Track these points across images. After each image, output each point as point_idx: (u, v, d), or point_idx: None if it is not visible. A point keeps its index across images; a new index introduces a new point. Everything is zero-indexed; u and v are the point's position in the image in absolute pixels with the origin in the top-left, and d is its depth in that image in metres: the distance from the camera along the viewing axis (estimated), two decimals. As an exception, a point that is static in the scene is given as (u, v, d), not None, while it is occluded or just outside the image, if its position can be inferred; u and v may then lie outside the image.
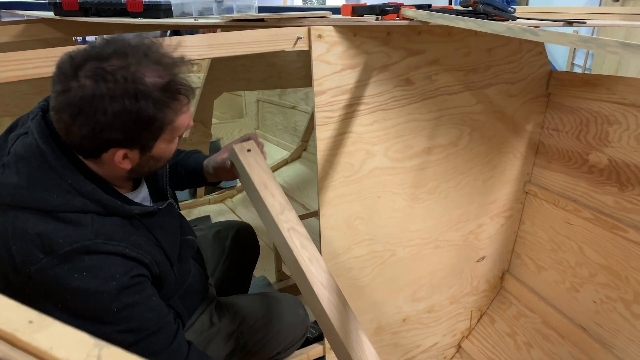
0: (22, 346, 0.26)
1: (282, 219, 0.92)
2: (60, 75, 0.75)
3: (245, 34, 0.96)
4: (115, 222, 0.85)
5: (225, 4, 1.39)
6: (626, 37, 3.44)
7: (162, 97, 0.78)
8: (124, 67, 0.75)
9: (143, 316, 0.84)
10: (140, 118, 0.77)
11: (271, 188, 0.96)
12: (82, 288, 0.78)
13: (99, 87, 0.73)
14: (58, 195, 0.79)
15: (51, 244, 0.77)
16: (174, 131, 0.85)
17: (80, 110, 0.74)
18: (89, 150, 0.82)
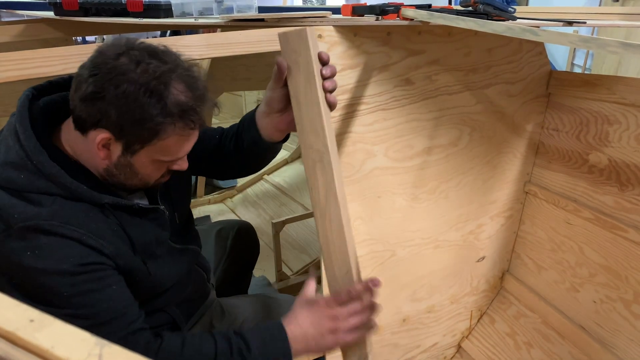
0: (23, 345, 0.26)
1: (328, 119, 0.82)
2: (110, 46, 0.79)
3: (245, 33, 0.96)
4: (80, 207, 0.82)
5: (225, 4, 1.39)
6: (626, 37, 3.44)
7: (173, 111, 0.78)
8: (161, 67, 0.77)
9: (97, 305, 0.81)
10: (141, 110, 0.76)
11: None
12: (32, 267, 0.77)
13: (129, 66, 0.75)
14: (24, 175, 0.79)
15: (8, 218, 0.77)
16: (162, 151, 0.83)
17: (99, 72, 0.76)
18: (80, 120, 0.80)
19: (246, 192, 3.04)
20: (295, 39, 0.78)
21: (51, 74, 0.83)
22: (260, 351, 0.83)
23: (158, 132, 0.79)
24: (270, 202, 2.85)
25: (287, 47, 0.79)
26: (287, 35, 0.78)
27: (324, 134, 0.81)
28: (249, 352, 0.83)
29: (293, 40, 0.78)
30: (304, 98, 0.80)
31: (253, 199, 2.95)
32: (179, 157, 0.87)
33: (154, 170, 0.87)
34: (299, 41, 0.78)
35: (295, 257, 2.22)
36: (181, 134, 0.82)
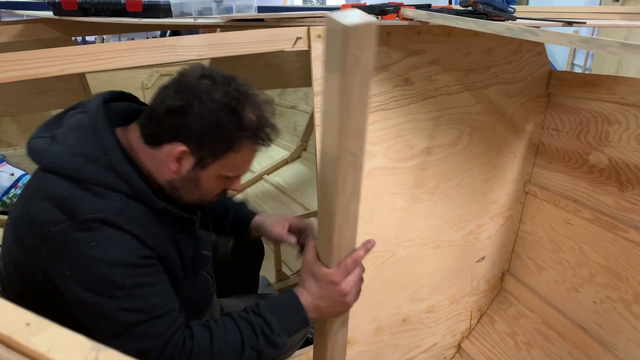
0: (20, 349, 0.26)
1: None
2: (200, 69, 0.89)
3: (245, 34, 0.96)
4: (140, 208, 0.87)
5: (225, 3, 1.39)
6: (626, 37, 3.44)
7: (248, 128, 0.87)
8: (238, 91, 0.87)
9: (151, 298, 0.84)
10: (221, 125, 0.85)
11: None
12: (97, 257, 0.79)
13: (211, 87, 0.85)
14: (95, 168, 0.83)
15: (74, 209, 0.80)
16: (230, 165, 0.91)
17: (184, 89, 0.85)
18: (157, 133, 0.87)
19: (246, 192, 3.04)
20: (362, 34, 0.64)
21: (50, 74, 0.83)
22: (280, 326, 0.88)
23: (233, 145, 0.87)
24: (270, 202, 2.85)
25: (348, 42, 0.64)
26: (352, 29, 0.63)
27: (364, 138, 0.77)
28: (271, 331, 0.87)
29: (357, 35, 0.64)
30: (356, 99, 0.71)
31: (253, 199, 2.95)
32: (242, 173, 0.96)
33: (215, 187, 0.95)
34: (366, 37, 0.65)
35: (295, 257, 2.22)
36: (251, 149, 0.91)
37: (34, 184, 0.86)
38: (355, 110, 0.72)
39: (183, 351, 0.84)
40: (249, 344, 0.86)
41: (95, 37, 3.95)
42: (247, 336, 0.87)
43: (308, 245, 0.91)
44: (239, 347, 0.86)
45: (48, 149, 0.85)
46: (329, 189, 0.80)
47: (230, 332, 0.87)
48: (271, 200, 2.87)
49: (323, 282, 0.87)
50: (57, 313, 0.90)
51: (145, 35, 4.13)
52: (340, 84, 0.67)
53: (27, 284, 0.88)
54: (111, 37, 3.60)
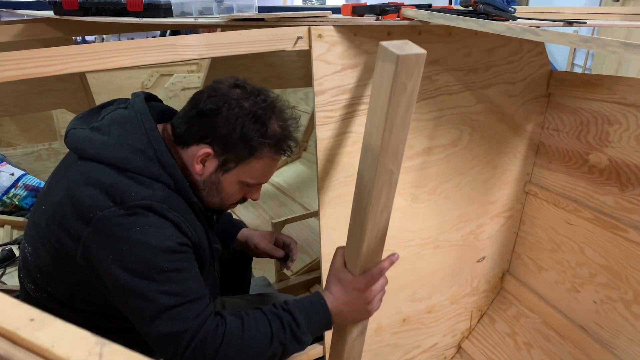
0: (24, 344, 0.26)
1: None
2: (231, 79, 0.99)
3: (245, 33, 0.96)
4: (179, 199, 0.93)
5: (225, 3, 1.39)
6: (626, 37, 3.44)
7: (271, 137, 0.94)
8: (266, 102, 0.95)
9: (187, 283, 0.88)
10: (246, 131, 0.92)
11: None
12: (142, 241, 0.84)
13: (242, 95, 0.93)
14: (141, 159, 0.89)
15: (122, 195, 0.85)
16: (251, 172, 0.97)
17: (217, 94, 0.93)
18: (187, 134, 0.95)
19: (246, 192, 3.03)
20: (412, 62, 0.69)
21: (50, 73, 0.83)
22: (307, 325, 0.92)
23: (255, 151, 0.94)
24: (270, 202, 2.85)
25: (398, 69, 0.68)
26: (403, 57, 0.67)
27: (401, 158, 0.82)
28: (298, 328, 0.91)
29: (408, 63, 0.69)
30: (399, 121, 0.76)
31: (253, 199, 2.95)
32: (262, 182, 1.02)
33: (235, 192, 1.01)
34: (416, 66, 0.70)
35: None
36: (272, 157, 0.97)
37: (74, 172, 0.89)
38: (397, 132, 0.76)
39: (215, 335, 0.88)
40: (277, 337, 0.90)
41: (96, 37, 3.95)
42: (276, 329, 0.90)
43: (337, 252, 0.97)
44: (268, 338, 0.90)
45: (92, 138, 0.90)
46: (364, 201, 0.85)
47: (261, 324, 0.91)
48: (271, 200, 2.87)
49: (348, 288, 0.92)
50: (87, 297, 0.97)
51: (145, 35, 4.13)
52: (386, 107, 0.71)
53: (60, 267, 0.93)
54: (111, 37, 3.60)
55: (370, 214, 0.83)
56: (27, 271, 1.02)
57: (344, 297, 0.92)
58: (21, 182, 2.36)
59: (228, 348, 0.87)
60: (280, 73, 2.44)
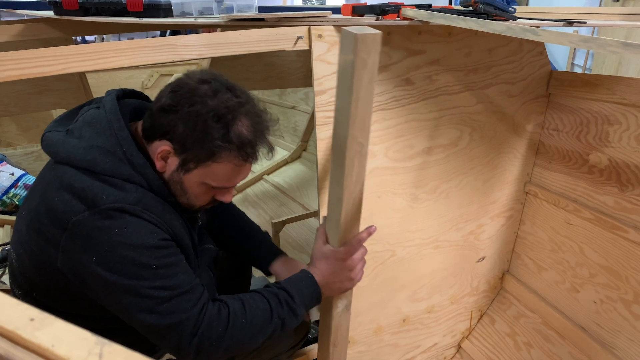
0: (24, 344, 0.26)
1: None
2: (198, 73, 0.91)
3: (245, 33, 0.96)
4: (154, 198, 0.90)
5: (226, 3, 1.39)
6: (626, 37, 3.44)
7: (233, 140, 0.87)
8: (233, 100, 0.87)
9: (178, 276, 0.88)
10: (205, 131, 0.85)
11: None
12: (122, 242, 0.83)
13: (207, 92, 0.86)
14: (110, 160, 0.86)
15: (94, 199, 0.82)
16: (213, 175, 0.91)
17: (180, 89, 0.87)
18: (151, 128, 0.90)
19: (246, 192, 3.04)
20: (370, 41, 0.81)
21: (50, 73, 0.83)
22: (300, 299, 0.96)
23: (214, 154, 0.88)
24: (270, 202, 2.85)
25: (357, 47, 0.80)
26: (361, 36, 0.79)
27: (369, 130, 0.90)
28: (293, 301, 0.95)
29: (366, 41, 0.81)
30: (363, 95, 0.85)
31: (253, 199, 2.95)
32: (226, 186, 0.96)
33: (201, 194, 0.95)
34: (373, 43, 0.82)
35: (295, 257, 2.21)
36: (235, 163, 0.90)
37: (48, 176, 0.88)
38: (362, 105, 0.85)
39: (220, 319, 0.90)
40: (276, 313, 0.94)
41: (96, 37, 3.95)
42: (275, 305, 0.94)
43: (318, 232, 1.02)
44: (268, 314, 0.93)
45: (64, 142, 0.88)
46: (338, 173, 0.93)
47: (260, 302, 0.94)
48: (271, 200, 2.87)
49: (332, 259, 0.98)
50: (71, 301, 0.95)
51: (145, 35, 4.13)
52: (351, 82, 0.81)
53: (42, 273, 0.91)
54: (111, 37, 3.60)
55: (346, 184, 0.91)
56: (13, 277, 1.01)
57: (329, 268, 0.99)
58: (21, 182, 2.36)
59: (234, 329, 0.90)
60: (280, 73, 2.44)
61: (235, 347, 0.92)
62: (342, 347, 1.16)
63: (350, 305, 1.10)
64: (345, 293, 1.06)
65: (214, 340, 0.89)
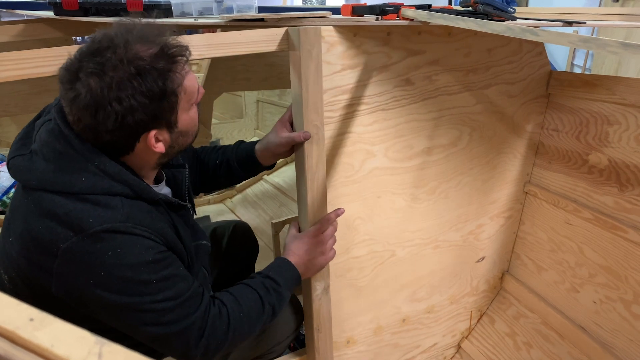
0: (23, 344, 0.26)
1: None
2: (65, 85, 0.79)
3: (245, 33, 0.96)
4: (142, 207, 0.86)
5: (225, 3, 1.39)
6: (626, 38, 3.44)
7: (162, 65, 0.80)
8: (116, 52, 0.77)
9: (178, 285, 0.87)
10: (153, 93, 0.79)
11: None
12: (118, 264, 0.80)
13: (103, 79, 0.76)
14: (85, 177, 0.81)
15: (80, 223, 0.78)
16: (188, 96, 0.87)
17: (97, 108, 0.77)
18: (123, 145, 0.85)
19: (246, 193, 3.04)
20: (311, 34, 0.95)
21: (50, 73, 0.83)
22: (284, 283, 1.02)
23: (174, 89, 0.83)
24: (270, 202, 2.85)
25: (302, 41, 0.95)
26: (303, 31, 0.94)
27: (322, 113, 1.02)
28: (279, 287, 1.01)
29: (309, 35, 0.95)
30: (312, 81, 0.98)
31: (253, 199, 2.95)
32: (197, 90, 0.90)
33: (194, 116, 0.93)
34: (315, 36, 0.96)
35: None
36: (182, 69, 0.84)
37: (27, 203, 0.83)
38: (312, 90, 1.00)
39: (221, 319, 0.93)
40: (267, 301, 0.99)
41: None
42: (264, 294, 0.99)
43: (291, 225, 1.14)
44: (260, 304, 0.98)
45: (31, 168, 0.83)
46: (300, 157, 1.05)
47: (250, 294, 0.98)
48: (271, 200, 2.87)
49: (304, 239, 1.08)
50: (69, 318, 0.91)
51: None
52: (300, 71, 0.97)
53: (38, 297, 0.87)
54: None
55: (307, 166, 1.02)
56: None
57: (302, 247, 1.07)
58: (21, 182, 2.36)
59: (235, 326, 0.94)
60: (280, 73, 2.44)
61: (237, 340, 0.96)
62: (326, 331, 1.22)
63: (328, 288, 1.18)
64: (322, 274, 1.15)
65: (220, 339, 0.91)
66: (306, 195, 1.07)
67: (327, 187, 1.13)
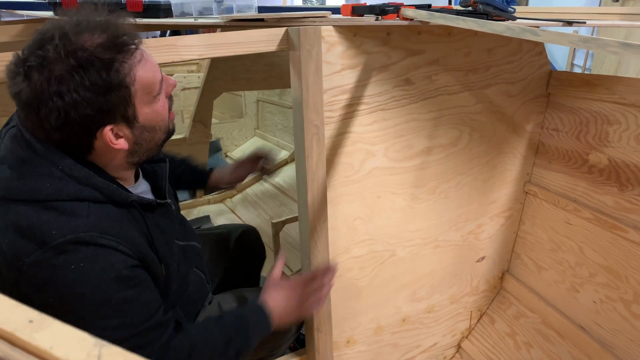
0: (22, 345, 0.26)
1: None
2: (10, 78, 0.75)
3: (244, 33, 0.96)
4: (112, 212, 0.82)
5: (225, 3, 1.39)
6: (626, 37, 3.44)
7: (106, 56, 0.74)
8: (57, 45, 0.72)
9: (138, 310, 0.82)
10: (97, 86, 0.74)
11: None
12: (79, 280, 0.75)
13: (43, 73, 0.72)
14: (50, 183, 0.77)
15: (43, 236, 0.74)
16: (144, 88, 0.80)
17: (38, 102, 0.73)
18: (79, 144, 0.80)
19: (246, 192, 3.04)
20: (311, 34, 0.96)
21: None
22: (254, 329, 0.99)
23: (123, 80, 0.76)
24: (270, 202, 2.85)
25: (302, 41, 0.96)
26: (303, 31, 0.95)
27: (322, 113, 1.02)
28: (247, 332, 0.98)
29: (309, 35, 0.96)
30: (312, 81, 0.99)
31: (253, 199, 2.95)
32: (159, 79, 0.85)
33: (160, 110, 0.86)
34: (314, 36, 0.97)
35: (295, 257, 2.22)
36: (134, 59, 0.78)
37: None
38: (312, 90, 1.00)
39: (181, 349, 0.88)
40: (234, 345, 0.95)
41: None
42: (231, 336, 0.96)
43: (275, 265, 1.10)
44: (223, 345, 0.94)
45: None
46: (300, 157, 1.05)
47: (217, 332, 0.95)
48: (271, 200, 2.88)
49: (284, 288, 1.04)
50: None
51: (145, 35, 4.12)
52: (300, 71, 0.98)
53: None
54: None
55: (308, 165, 1.02)
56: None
57: (280, 297, 1.03)
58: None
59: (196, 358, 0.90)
60: (280, 73, 2.44)
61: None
62: (326, 331, 1.23)
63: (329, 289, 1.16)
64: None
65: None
66: (306, 195, 1.07)
67: (327, 187, 1.13)
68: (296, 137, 1.06)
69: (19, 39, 1.65)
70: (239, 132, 3.68)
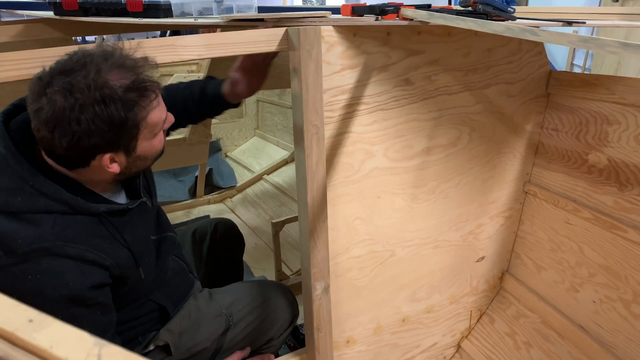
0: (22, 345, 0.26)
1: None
2: (33, 96, 0.79)
3: (244, 33, 0.96)
4: (79, 222, 0.86)
5: (225, 4, 1.39)
6: (626, 37, 3.44)
7: (129, 97, 0.81)
8: (87, 77, 0.78)
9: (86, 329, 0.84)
10: (113, 121, 0.80)
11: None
12: (34, 291, 0.80)
13: (68, 99, 0.77)
14: (22, 198, 0.82)
15: (10, 244, 0.80)
16: (150, 128, 0.88)
17: (55, 124, 0.78)
18: (77, 161, 0.85)
19: (246, 192, 3.04)
20: (311, 34, 0.96)
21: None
22: None
23: (136, 121, 0.84)
24: (270, 202, 2.85)
25: (302, 41, 0.95)
26: (302, 31, 0.95)
27: (322, 113, 1.03)
28: None
29: (309, 35, 0.96)
30: (312, 81, 0.99)
31: (253, 199, 2.95)
32: (164, 119, 0.93)
33: (156, 144, 0.93)
34: (314, 36, 0.97)
35: (295, 257, 2.22)
36: (148, 105, 0.86)
37: None
38: (312, 90, 1.00)
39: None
40: None
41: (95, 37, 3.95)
42: None
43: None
44: None
45: None
46: (300, 156, 1.05)
47: None
48: (271, 200, 2.88)
49: None
50: None
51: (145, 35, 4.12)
52: (300, 71, 0.98)
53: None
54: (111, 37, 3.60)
55: (307, 165, 1.02)
56: None
57: None
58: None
59: None
60: (281, 73, 2.43)
61: None
62: (326, 331, 1.23)
63: (328, 287, 1.18)
64: (322, 274, 1.14)
65: None
66: (306, 195, 1.07)
67: (327, 187, 1.13)
68: (296, 137, 1.06)
69: (19, 39, 1.65)
70: (239, 132, 3.68)
